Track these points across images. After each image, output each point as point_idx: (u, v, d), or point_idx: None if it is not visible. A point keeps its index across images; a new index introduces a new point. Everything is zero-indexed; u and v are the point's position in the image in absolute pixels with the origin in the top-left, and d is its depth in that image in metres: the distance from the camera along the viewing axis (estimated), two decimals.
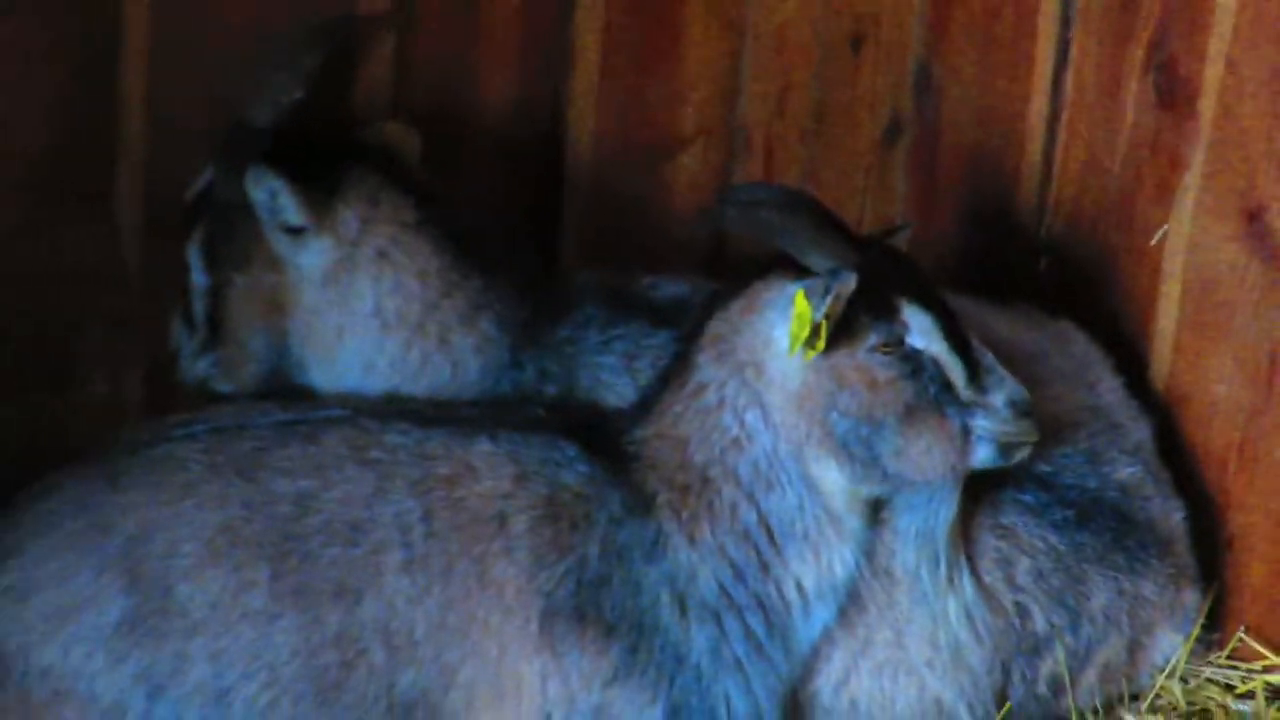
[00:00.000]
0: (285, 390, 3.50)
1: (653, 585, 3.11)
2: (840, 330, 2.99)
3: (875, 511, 3.19)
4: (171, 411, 3.46)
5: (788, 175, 4.07)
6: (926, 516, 3.19)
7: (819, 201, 3.08)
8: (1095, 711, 3.43)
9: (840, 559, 3.16)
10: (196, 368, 3.51)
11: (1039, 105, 3.77)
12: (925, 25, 3.94)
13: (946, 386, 3.08)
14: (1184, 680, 3.46)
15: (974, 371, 3.08)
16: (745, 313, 3.06)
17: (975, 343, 3.10)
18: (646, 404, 3.17)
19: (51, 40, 3.48)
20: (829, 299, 2.91)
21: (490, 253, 3.48)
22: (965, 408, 3.08)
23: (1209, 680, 3.49)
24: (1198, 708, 3.46)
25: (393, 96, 3.78)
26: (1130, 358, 3.62)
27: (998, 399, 3.09)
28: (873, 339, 3.02)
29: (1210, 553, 3.55)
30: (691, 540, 3.11)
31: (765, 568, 3.13)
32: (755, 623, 3.14)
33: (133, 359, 3.73)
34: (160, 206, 3.57)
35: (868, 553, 3.20)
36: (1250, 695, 3.47)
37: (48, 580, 3.11)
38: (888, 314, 3.02)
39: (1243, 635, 3.53)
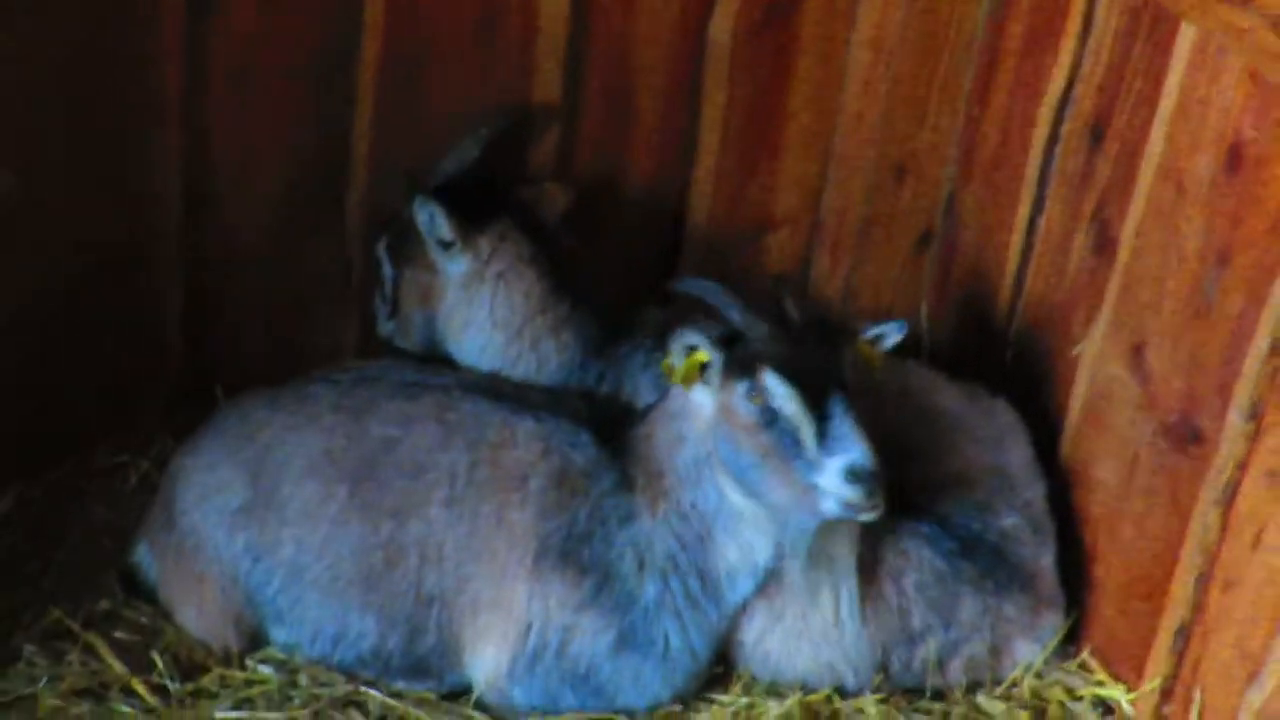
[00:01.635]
0: (437, 354, 3.46)
1: (621, 544, 2.99)
2: (726, 378, 2.81)
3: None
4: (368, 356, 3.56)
5: (843, 264, 3.82)
6: (818, 536, 2.89)
7: (739, 294, 2.90)
8: (960, 689, 3.14)
9: (759, 548, 2.95)
10: (385, 328, 3.52)
11: (1018, 239, 3.50)
12: (955, 167, 3.68)
13: (798, 443, 2.76)
14: (1039, 676, 3.15)
15: (822, 437, 2.73)
16: None
17: (838, 414, 2.73)
18: (645, 410, 3.07)
19: (301, 110, 3.39)
20: (676, 354, 2.83)
21: (580, 286, 3.37)
22: (810, 464, 2.74)
23: (1056, 682, 3.15)
24: (1040, 701, 3.14)
25: (558, 164, 3.55)
26: (1048, 434, 3.32)
27: (835, 463, 2.70)
28: (739, 389, 2.79)
29: (1078, 589, 3.23)
30: (652, 515, 2.99)
31: (701, 542, 2.97)
32: (693, 583, 2.99)
33: (349, 321, 3.60)
34: (375, 222, 3.46)
35: (789, 546, 2.92)
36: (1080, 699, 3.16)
37: (206, 466, 3.13)
38: (750, 375, 2.77)
39: (1087, 656, 3.21)
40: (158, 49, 3.25)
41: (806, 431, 2.76)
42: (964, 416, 3.28)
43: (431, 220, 3.29)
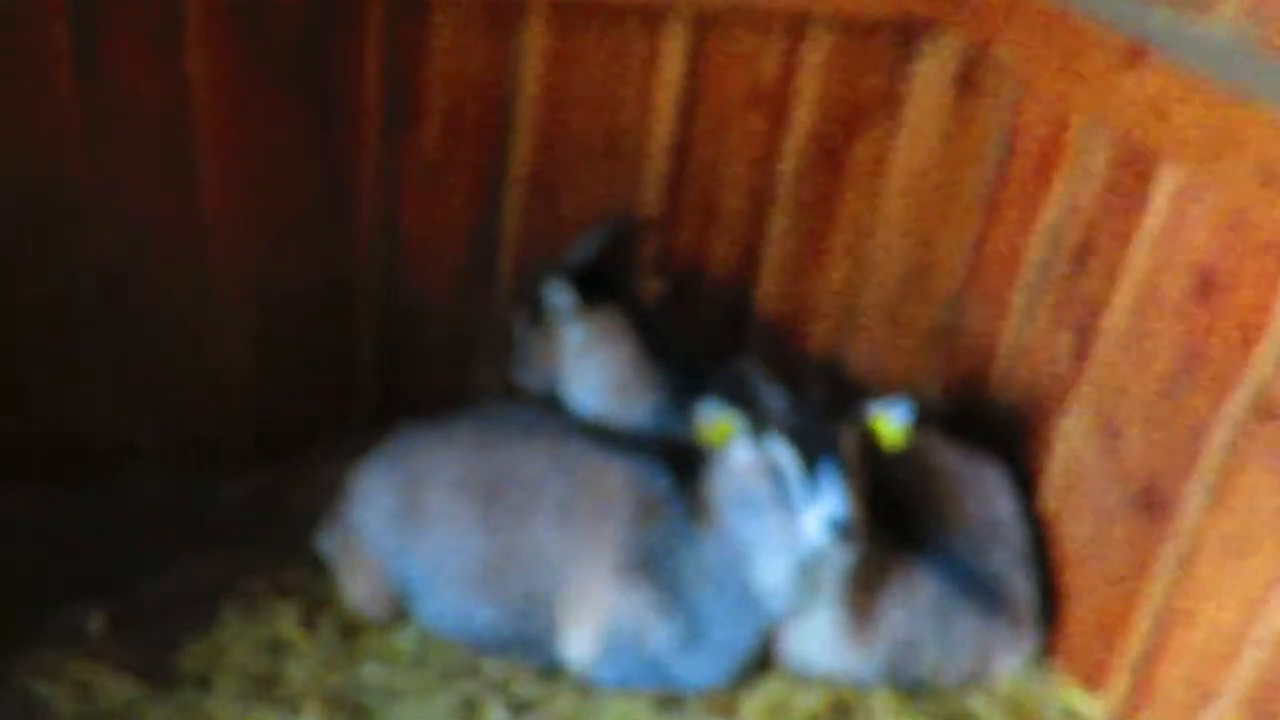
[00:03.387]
0: (556, 399, 3.25)
1: (686, 560, 2.78)
2: (748, 438, 2.58)
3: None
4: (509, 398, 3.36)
5: (872, 348, 3.52)
6: (825, 564, 2.65)
7: (771, 375, 2.68)
8: (953, 691, 2.86)
9: (781, 571, 2.64)
10: (518, 377, 3.31)
11: (1011, 336, 3.11)
12: (963, 275, 3.32)
13: (791, 493, 2.53)
14: (1018, 684, 2.86)
15: (810, 490, 2.49)
16: None
17: (827, 474, 2.46)
18: (709, 454, 2.80)
19: (468, 200, 3.14)
20: (703, 422, 2.59)
21: (667, 351, 3.15)
22: (798, 511, 2.52)
23: (1031, 688, 2.86)
24: (1017, 703, 2.85)
25: (658, 257, 3.31)
26: (1032, 491, 3.02)
27: (817, 511, 2.47)
28: (756, 447, 2.57)
29: (1054, 616, 2.97)
30: (707, 537, 2.75)
31: (741, 561, 2.72)
32: (739, 593, 2.75)
33: (496, 368, 3.33)
34: (517, 293, 3.25)
35: (804, 573, 2.66)
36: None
37: (369, 478, 2.99)
38: (763, 437, 2.55)
39: (1059, 670, 2.93)
40: (359, 153, 3.08)
41: (797, 485, 2.59)
42: (965, 474, 3.03)
43: (558, 296, 3.18)
